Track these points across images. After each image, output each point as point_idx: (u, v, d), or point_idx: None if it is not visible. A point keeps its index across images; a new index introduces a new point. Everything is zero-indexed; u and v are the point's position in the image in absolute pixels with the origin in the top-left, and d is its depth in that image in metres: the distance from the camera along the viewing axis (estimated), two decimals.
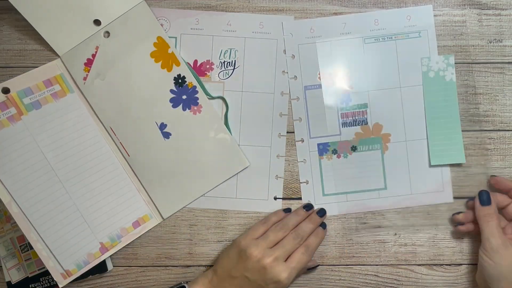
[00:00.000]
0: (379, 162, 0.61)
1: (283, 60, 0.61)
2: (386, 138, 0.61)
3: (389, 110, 0.61)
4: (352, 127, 0.61)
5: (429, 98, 0.60)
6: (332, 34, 0.61)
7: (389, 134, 0.61)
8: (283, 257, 0.55)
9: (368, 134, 0.61)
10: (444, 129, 0.60)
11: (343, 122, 0.61)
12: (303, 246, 0.57)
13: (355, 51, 0.61)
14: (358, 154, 0.61)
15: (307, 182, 0.62)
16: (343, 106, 0.61)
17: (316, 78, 0.61)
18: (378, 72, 0.61)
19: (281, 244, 0.56)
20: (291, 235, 0.57)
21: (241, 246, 0.56)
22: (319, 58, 0.61)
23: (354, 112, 0.61)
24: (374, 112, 0.61)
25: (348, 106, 0.61)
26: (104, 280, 0.61)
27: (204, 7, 0.61)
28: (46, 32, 0.59)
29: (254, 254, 0.55)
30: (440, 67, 0.61)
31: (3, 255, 0.60)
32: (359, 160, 0.61)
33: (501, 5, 0.62)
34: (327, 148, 0.61)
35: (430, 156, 0.61)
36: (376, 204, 0.61)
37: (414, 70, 0.61)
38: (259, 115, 0.62)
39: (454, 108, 0.60)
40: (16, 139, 0.58)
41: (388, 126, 0.61)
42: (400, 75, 0.61)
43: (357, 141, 0.61)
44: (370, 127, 0.61)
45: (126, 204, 0.60)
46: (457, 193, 0.61)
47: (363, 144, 0.61)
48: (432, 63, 0.60)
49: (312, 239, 0.58)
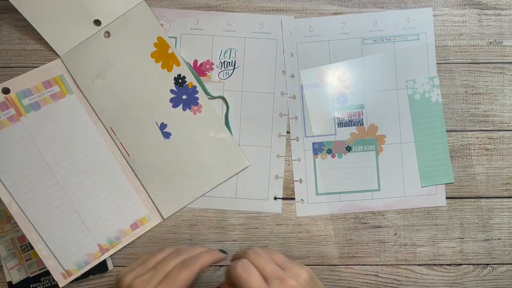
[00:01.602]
0: (374, 163, 0.61)
1: (283, 60, 0.62)
2: (381, 140, 0.61)
3: (385, 112, 0.61)
4: (348, 127, 0.61)
5: (416, 120, 0.60)
6: (331, 34, 0.61)
7: (384, 136, 0.61)
8: (158, 278, 0.46)
9: (364, 135, 0.61)
10: (433, 151, 0.61)
11: (338, 122, 0.61)
12: (180, 263, 0.48)
13: (353, 52, 0.61)
14: (353, 154, 0.61)
15: (300, 180, 0.62)
16: (339, 106, 0.61)
17: (313, 77, 0.61)
18: (376, 74, 0.61)
19: (159, 266, 0.48)
20: (179, 264, 0.47)
21: (118, 275, 0.49)
22: (317, 58, 0.61)
23: (350, 113, 0.61)
24: (370, 113, 0.61)
25: (344, 106, 0.61)
26: (104, 280, 0.61)
27: (204, 7, 0.61)
28: (46, 32, 0.59)
29: (126, 279, 0.47)
30: (426, 89, 0.61)
31: (4, 255, 0.60)
32: (353, 161, 0.61)
33: (501, 5, 0.62)
34: (322, 147, 0.61)
35: (420, 177, 0.61)
36: (368, 205, 0.61)
37: (411, 73, 0.61)
38: (259, 115, 0.62)
39: (441, 129, 0.61)
40: (16, 140, 0.58)
41: (384, 127, 0.61)
42: (397, 77, 0.61)
43: (352, 142, 0.61)
44: (365, 128, 0.61)
45: (124, 206, 0.60)
46: (457, 193, 0.61)
47: (358, 145, 0.61)
48: (417, 85, 0.61)
49: (193, 259, 0.48)
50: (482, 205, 0.62)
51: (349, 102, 0.61)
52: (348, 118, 0.61)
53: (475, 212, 0.61)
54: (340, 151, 0.61)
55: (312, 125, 0.62)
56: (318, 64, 0.61)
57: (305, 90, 0.61)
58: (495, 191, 0.61)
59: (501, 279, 0.61)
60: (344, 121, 0.61)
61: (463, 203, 0.61)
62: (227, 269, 0.46)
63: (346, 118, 0.61)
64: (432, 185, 0.61)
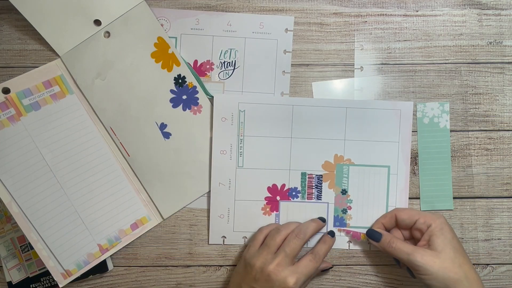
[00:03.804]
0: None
1: (283, 60, 0.61)
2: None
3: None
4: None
5: (422, 144, 0.60)
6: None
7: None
8: (288, 260, 0.54)
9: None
10: (435, 175, 0.61)
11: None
12: (311, 253, 0.56)
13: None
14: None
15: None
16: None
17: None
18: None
19: (282, 247, 0.55)
20: (292, 235, 0.56)
21: (245, 259, 0.56)
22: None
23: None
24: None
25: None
26: (104, 280, 0.61)
27: (204, 7, 0.61)
28: (46, 32, 0.59)
29: (257, 264, 0.54)
30: (435, 114, 0.61)
31: (4, 255, 0.60)
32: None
33: (501, 5, 0.62)
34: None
35: (420, 201, 0.61)
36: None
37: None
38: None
39: (446, 155, 0.61)
40: (16, 139, 0.58)
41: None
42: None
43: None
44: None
45: (124, 205, 0.60)
46: (457, 193, 0.61)
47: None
48: (427, 109, 0.61)
49: (320, 246, 0.58)
50: (482, 205, 0.61)
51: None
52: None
53: (475, 212, 0.61)
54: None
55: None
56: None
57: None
58: (495, 191, 0.61)
59: (501, 279, 0.61)
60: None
61: (463, 203, 0.61)
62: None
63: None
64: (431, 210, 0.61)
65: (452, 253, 0.53)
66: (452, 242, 0.53)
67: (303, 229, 0.57)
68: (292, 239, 0.56)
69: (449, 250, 0.53)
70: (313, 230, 0.58)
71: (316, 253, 0.56)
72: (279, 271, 0.53)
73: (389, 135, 0.60)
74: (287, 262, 0.54)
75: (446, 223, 0.55)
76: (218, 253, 0.62)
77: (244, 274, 0.55)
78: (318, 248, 0.57)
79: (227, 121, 0.60)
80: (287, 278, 0.53)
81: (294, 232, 0.56)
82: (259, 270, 0.54)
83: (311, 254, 0.56)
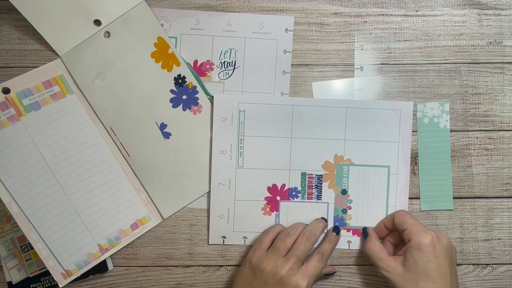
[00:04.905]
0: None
1: (283, 60, 0.61)
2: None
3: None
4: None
5: (422, 144, 0.60)
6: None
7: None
8: (299, 264, 0.54)
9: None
10: (435, 175, 0.61)
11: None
12: (318, 253, 0.56)
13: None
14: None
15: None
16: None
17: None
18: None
19: (292, 250, 0.55)
20: (302, 238, 0.55)
21: (253, 263, 0.55)
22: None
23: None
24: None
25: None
26: (104, 280, 0.61)
27: (204, 7, 0.61)
28: (46, 32, 0.59)
29: (268, 268, 0.54)
30: (435, 114, 0.61)
31: (4, 255, 0.60)
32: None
33: (501, 5, 0.62)
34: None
35: (420, 201, 0.61)
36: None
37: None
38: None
39: (446, 155, 0.61)
40: (16, 139, 0.58)
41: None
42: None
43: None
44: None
45: (124, 205, 0.60)
46: (457, 193, 0.61)
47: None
48: (427, 109, 0.61)
49: (326, 245, 0.57)
50: (482, 205, 0.62)
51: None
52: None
53: (475, 212, 0.61)
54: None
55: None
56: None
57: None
58: (495, 191, 0.61)
59: (501, 279, 0.61)
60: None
61: (463, 203, 0.61)
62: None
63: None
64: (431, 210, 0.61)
65: (416, 277, 0.52)
66: (426, 267, 0.52)
67: (313, 231, 0.56)
68: (303, 243, 0.55)
69: (416, 273, 0.52)
70: (321, 231, 0.58)
71: (323, 252, 0.56)
72: (291, 275, 0.53)
73: (389, 135, 0.60)
74: (299, 266, 0.54)
75: (433, 245, 0.52)
76: (218, 253, 0.62)
77: (252, 278, 0.54)
78: (324, 248, 0.57)
79: (227, 121, 0.60)
80: (299, 282, 0.53)
81: (305, 235, 0.56)
82: (270, 274, 0.53)
83: (318, 254, 0.56)
